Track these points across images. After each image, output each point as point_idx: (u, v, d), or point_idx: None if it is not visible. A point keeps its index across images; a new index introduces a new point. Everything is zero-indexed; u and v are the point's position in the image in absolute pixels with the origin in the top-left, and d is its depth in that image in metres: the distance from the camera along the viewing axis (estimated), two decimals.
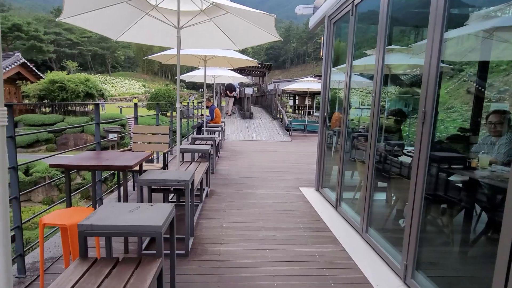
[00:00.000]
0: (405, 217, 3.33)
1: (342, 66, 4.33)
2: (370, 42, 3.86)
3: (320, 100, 4.80)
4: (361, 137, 3.91)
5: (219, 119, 9.75)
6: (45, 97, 24.17)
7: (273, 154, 8.75)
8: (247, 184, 5.32)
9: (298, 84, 13.54)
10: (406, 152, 3.35)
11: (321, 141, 4.80)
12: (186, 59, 6.96)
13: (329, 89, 4.60)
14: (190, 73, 9.44)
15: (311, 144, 11.24)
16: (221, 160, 7.40)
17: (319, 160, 4.87)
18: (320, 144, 4.81)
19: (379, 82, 3.00)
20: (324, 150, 4.72)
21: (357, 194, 3.97)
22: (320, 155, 4.84)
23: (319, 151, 4.86)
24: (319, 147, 4.84)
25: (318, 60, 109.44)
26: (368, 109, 4.33)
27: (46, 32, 50.86)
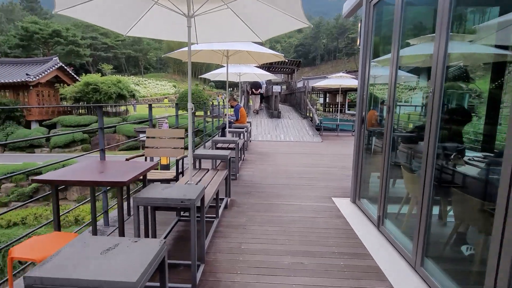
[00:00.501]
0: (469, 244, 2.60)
1: (384, 58, 3.63)
2: (423, 28, 3.14)
3: (357, 97, 4.11)
4: (410, 140, 3.19)
5: (245, 119, 9.24)
6: (81, 99, 25.09)
7: (302, 156, 8.09)
8: (272, 193, 4.74)
9: (329, 80, 12.71)
10: (469, 160, 2.62)
11: (358, 144, 4.11)
12: (206, 55, 6.50)
13: (368, 84, 3.89)
14: (214, 72, 9.01)
15: (344, 145, 10.43)
16: (246, 164, 6.87)
17: (355, 167, 4.18)
18: (357, 148, 4.12)
19: (441, 75, 2.29)
20: (362, 155, 4.03)
21: (404, 208, 3.27)
22: (357, 160, 4.15)
23: (356, 156, 4.17)
24: (356, 151, 4.15)
25: (349, 56, 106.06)
26: (412, 106, 3.61)
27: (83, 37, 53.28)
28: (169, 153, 4.19)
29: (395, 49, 3.04)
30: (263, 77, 10.25)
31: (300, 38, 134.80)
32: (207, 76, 9.19)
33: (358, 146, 4.11)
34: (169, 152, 4.17)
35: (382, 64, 3.85)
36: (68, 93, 24.79)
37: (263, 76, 10.04)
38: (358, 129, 4.11)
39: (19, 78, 23.00)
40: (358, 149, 4.11)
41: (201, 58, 6.62)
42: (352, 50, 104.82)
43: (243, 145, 7.27)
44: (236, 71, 8.83)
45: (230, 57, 6.51)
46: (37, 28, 41.96)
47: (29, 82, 23.06)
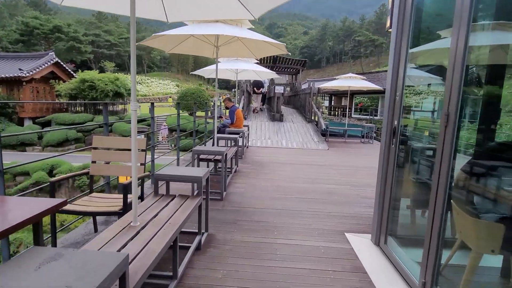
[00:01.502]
0: None
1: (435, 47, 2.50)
2: None
3: (386, 100, 2.96)
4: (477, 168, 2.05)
5: (241, 123, 8.10)
6: (76, 96, 24.11)
7: (306, 168, 6.93)
8: (265, 223, 3.59)
9: (337, 81, 11.55)
10: None
11: (385, 164, 2.95)
12: (193, 46, 5.37)
13: (404, 83, 2.74)
14: (208, 68, 7.88)
15: (354, 154, 9.25)
16: (238, 177, 5.73)
17: (381, 195, 3.02)
18: (384, 169, 2.96)
19: None
20: (392, 181, 2.87)
21: (454, 258, 2.13)
22: (383, 187, 2.99)
23: (381, 180, 3.01)
24: (382, 175, 2.99)
25: (355, 59, 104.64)
26: None
27: (86, 33, 52.62)
28: (124, 171, 3.06)
29: (460, 34, 1.89)
30: (264, 75, 9.12)
31: (306, 40, 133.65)
32: (199, 72, 8.07)
33: (386, 167, 2.95)
34: (124, 170, 3.05)
35: (427, 56, 2.71)
36: (63, 90, 23.82)
37: (263, 74, 8.91)
38: (385, 144, 2.94)
39: (12, 73, 22.06)
40: (386, 172, 2.95)
41: (186, 49, 5.50)
42: (358, 53, 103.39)
43: (236, 153, 6.14)
44: (232, 67, 7.70)
45: (222, 49, 5.38)
46: (37, 23, 41.20)
47: (22, 78, 22.12)
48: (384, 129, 2.97)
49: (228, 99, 8.04)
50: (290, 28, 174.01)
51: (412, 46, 2.69)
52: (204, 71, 7.99)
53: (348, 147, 10.76)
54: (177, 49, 5.44)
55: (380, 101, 23.76)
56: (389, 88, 2.92)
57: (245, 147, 9.04)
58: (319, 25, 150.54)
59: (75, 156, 20.52)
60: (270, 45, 4.99)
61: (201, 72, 8.01)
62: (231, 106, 8.00)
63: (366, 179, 6.06)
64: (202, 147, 4.45)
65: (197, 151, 4.26)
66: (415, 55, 2.70)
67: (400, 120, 2.75)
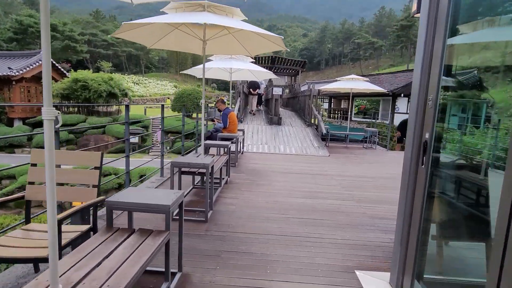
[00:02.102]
0: None
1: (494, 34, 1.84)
2: None
3: (412, 106, 2.28)
4: None
5: (235, 127, 7.41)
6: (68, 96, 23.36)
7: (306, 178, 6.25)
8: (256, 256, 2.89)
9: (339, 83, 10.88)
10: None
11: (410, 188, 2.27)
12: (178, 40, 4.69)
13: (439, 82, 2.05)
14: (198, 67, 7.19)
15: (357, 162, 8.57)
16: (228, 190, 5.03)
17: (404, 228, 2.33)
18: (409, 195, 2.28)
19: None
20: (422, 209, 2.17)
21: None
22: (408, 217, 2.30)
23: (406, 209, 2.33)
24: (408, 202, 2.30)
25: (354, 61, 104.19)
26: None
27: (83, 33, 51.76)
28: (73, 194, 2.37)
29: None
30: (261, 75, 8.43)
31: (305, 42, 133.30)
32: (189, 72, 7.38)
33: (412, 192, 2.26)
34: (74, 193, 2.35)
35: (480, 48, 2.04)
36: (55, 89, 23.06)
37: (260, 74, 8.23)
38: (411, 163, 2.26)
39: (0, 71, 21.29)
40: (412, 198, 2.26)
41: (170, 44, 4.82)
42: (357, 56, 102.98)
43: (227, 162, 5.45)
44: (226, 66, 7.02)
45: (211, 44, 4.70)
46: (32, 21, 40.38)
47: (11, 77, 21.35)
48: (410, 143, 2.29)
49: (220, 101, 7.37)
50: (289, 30, 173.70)
51: (452, 35, 2.01)
52: (194, 70, 7.30)
53: (350, 153, 10.08)
54: (160, 44, 4.77)
55: (381, 104, 23.14)
56: (416, 90, 2.24)
57: (240, 153, 8.35)
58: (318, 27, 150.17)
59: None
60: (266, 40, 4.32)
61: (191, 71, 7.33)
62: (224, 108, 7.32)
63: (373, 192, 5.38)
64: (183, 158, 3.75)
65: (177, 163, 3.57)
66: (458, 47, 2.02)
67: (434, 133, 2.07)
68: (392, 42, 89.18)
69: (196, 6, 3.90)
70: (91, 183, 2.29)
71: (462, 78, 2.14)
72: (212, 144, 5.48)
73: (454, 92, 2.14)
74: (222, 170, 5.00)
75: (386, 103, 22.56)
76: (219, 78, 8.47)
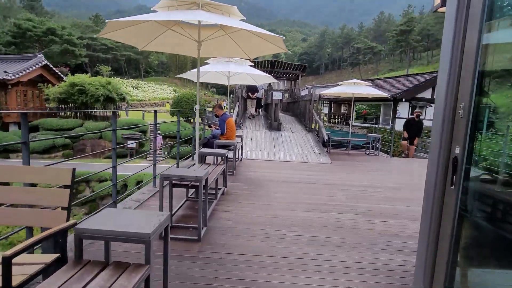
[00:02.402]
0: None
1: None
2: None
3: (437, 115, 1.95)
4: None
5: (233, 134, 7.08)
6: (65, 100, 23.02)
7: (308, 189, 5.89)
8: (255, 284, 2.54)
9: (341, 88, 10.57)
10: None
11: (436, 214, 1.92)
12: (172, 41, 4.37)
13: (474, 88, 1.72)
14: (194, 70, 6.86)
15: (361, 170, 8.21)
16: (225, 202, 4.68)
17: (427, 263, 1.98)
18: (435, 224, 1.93)
19: None
20: (452, 239, 1.83)
21: None
22: (433, 247, 1.95)
23: (431, 241, 1.98)
24: (431, 231, 1.95)
25: (354, 66, 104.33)
26: None
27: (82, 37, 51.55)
28: (34, 218, 2.02)
29: None
30: (260, 79, 8.12)
31: (305, 47, 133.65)
32: (186, 76, 7.06)
33: (437, 220, 1.91)
34: (35, 217, 2.00)
35: None
36: (52, 93, 22.75)
37: (259, 78, 7.92)
38: (437, 182, 1.92)
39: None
40: (437, 227, 1.92)
41: (163, 46, 4.51)
42: (356, 60, 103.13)
43: (224, 172, 5.10)
44: (223, 69, 6.71)
45: (206, 46, 4.38)
46: (30, 25, 40.16)
47: (7, 81, 21.03)
48: (434, 160, 1.95)
49: (218, 106, 7.04)
50: (289, 35, 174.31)
51: (489, 31, 1.68)
52: (190, 74, 6.98)
53: (352, 160, 9.74)
54: (152, 45, 4.46)
55: (382, 108, 22.85)
56: (442, 98, 1.90)
57: (238, 160, 8.01)
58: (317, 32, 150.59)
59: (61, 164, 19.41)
60: (265, 41, 4.00)
61: (187, 75, 7.01)
62: (221, 114, 6.99)
63: (380, 205, 5.03)
64: (174, 170, 3.41)
65: (167, 176, 3.22)
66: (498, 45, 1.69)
67: (466, 146, 1.73)
68: (392, 47, 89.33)
69: (190, 4, 3.59)
70: (59, 204, 1.94)
71: (504, 81, 1.81)
72: (208, 152, 5.12)
73: (494, 98, 1.80)
74: (218, 181, 4.65)
75: (387, 108, 22.28)
76: (217, 82, 8.16)
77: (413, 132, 10.88)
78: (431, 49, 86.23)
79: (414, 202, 5.25)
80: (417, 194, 5.83)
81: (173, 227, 3.54)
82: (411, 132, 10.87)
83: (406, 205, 5.11)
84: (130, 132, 23.45)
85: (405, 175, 7.76)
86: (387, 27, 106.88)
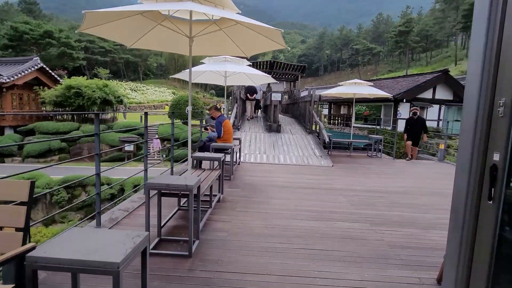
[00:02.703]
0: None
1: None
2: None
3: (468, 114, 1.61)
4: None
5: (230, 136, 6.75)
6: (61, 103, 22.69)
7: (309, 194, 5.56)
8: None
9: (342, 88, 10.26)
10: None
11: (469, 232, 1.59)
12: (162, 38, 4.06)
13: None
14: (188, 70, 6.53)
15: (364, 172, 7.86)
16: (221, 211, 4.35)
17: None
18: (466, 246, 1.60)
19: None
20: (491, 265, 1.50)
21: None
22: (465, 273, 1.62)
23: (460, 264, 1.65)
24: (461, 258, 1.62)
25: (353, 67, 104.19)
26: None
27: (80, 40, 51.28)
28: None
29: None
30: (258, 80, 7.80)
31: (304, 49, 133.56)
32: (180, 76, 6.73)
33: (469, 243, 1.58)
34: None
35: None
36: (48, 97, 22.42)
37: (257, 78, 7.60)
38: (469, 196, 1.59)
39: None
40: (470, 250, 1.58)
41: (153, 43, 4.19)
42: (355, 62, 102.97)
43: (220, 178, 4.78)
44: (219, 69, 6.39)
45: (199, 42, 4.07)
46: (27, 28, 39.86)
47: (2, 84, 20.70)
48: (464, 167, 1.62)
49: (214, 107, 6.72)
50: (287, 36, 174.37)
51: None
52: (184, 74, 6.65)
53: (354, 162, 9.41)
54: (140, 43, 4.14)
55: (383, 109, 22.56)
56: (474, 94, 1.58)
57: (236, 164, 7.68)
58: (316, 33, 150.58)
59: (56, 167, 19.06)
60: (262, 37, 3.69)
61: (181, 75, 6.68)
62: (218, 116, 6.67)
63: (387, 211, 4.70)
64: (163, 178, 3.07)
65: (152, 185, 2.89)
66: None
67: (509, 152, 1.40)
68: (390, 48, 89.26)
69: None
70: (13, 225, 1.61)
71: None
72: (202, 157, 4.79)
73: None
74: (213, 187, 4.32)
75: (388, 109, 21.99)
76: (213, 83, 7.84)
77: (416, 131, 10.05)
78: (429, 50, 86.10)
79: (423, 208, 4.93)
80: (425, 199, 5.51)
81: (162, 241, 3.20)
82: (413, 132, 10.06)
83: (415, 211, 4.78)
84: (128, 135, 23.12)
85: (410, 178, 7.42)
86: (385, 28, 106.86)
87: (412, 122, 10.08)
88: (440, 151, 10.48)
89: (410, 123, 10.14)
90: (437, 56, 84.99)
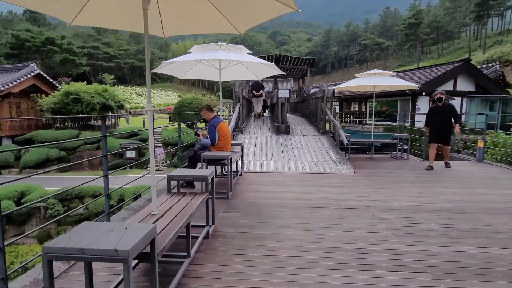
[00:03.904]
0: None
1: None
2: None
3: None
4: None
5: (228, 143, 5.40)
6: (60, 110, 21.74)
7: (332, 218, 4.15)
8: None
9: (360, 80, 8.80)
10: None
11: None
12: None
13: None
14: (171, 60, 5.17)
15: (394, 181, 6.33)
16: (207, 257, 2.99)
17: None
18: None
19: None
20: None
21: None
22: None
23: None
24: None
25: (361, 63, 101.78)
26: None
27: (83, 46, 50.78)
28: None
29: None
30: (261, 71, 6.41)
31: (310, 47, 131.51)
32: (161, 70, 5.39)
33: None
34: None
35: None
36: (45, 104, 21.52)
37: (259, 69, 6.21)
38: None
39: None
40: None
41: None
42: (364, 57, 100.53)
43: (209, 205, 3.43)
44: (208, 57, 5.01)
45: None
46: (29, 35, 39.36)
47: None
48: None
49: (206, 107, 5.37)
50: (293, 35, 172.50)
51: None
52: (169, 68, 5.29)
53: (378, 167, 7.94)
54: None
55: (400, 104, 20.87)
56: None
57: (238, 175, 6.33)
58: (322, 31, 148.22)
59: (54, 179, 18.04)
60: None
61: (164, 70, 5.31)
62: (211, 118, 5.32)
63: (446, 245, 3.26)
64: (84, 233, 1.74)
65: (55, 251, 1.54)
66: None
67: None
68: (400, 42, 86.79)
69: None
70: None
71: None
72: (178, 176, 3.41)
73: None
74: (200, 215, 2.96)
75: (405, 104, 20.30)
76: (206, 79, 6.51)
77: (442, 123, 7.41)
78: (440, 42, 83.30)
79: (498, 240, 3.46)
80: (492, 220, 4.03)
81: None
82: (440, 124, 7.44)
83: (490, 244, 3.33)
84: (130, 140, 22.02)
85: (455, 187, 5.91)
86: (393, 22, 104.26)
87: (436, 111, 7.58)
88: (479, 150, 8.94)
89: (433, 112, 7.65)
90: (448, 48, 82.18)
